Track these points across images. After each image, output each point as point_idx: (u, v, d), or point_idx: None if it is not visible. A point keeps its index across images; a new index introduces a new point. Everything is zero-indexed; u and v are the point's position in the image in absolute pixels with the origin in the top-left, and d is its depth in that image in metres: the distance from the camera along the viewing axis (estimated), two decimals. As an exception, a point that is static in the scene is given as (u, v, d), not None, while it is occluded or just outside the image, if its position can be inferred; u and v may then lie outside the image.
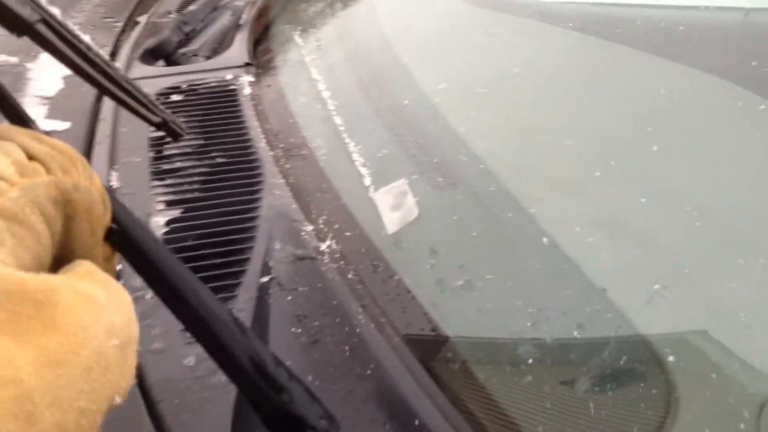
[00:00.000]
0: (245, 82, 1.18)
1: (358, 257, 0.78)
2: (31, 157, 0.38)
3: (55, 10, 0.49)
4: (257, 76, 1.21)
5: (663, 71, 0.76)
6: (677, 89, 0.74)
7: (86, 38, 0.55)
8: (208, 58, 1.35)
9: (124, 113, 1.10)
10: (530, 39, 0.95)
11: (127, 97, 0.53)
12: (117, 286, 0.37)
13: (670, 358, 0.59)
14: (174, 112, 1.07)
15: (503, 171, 0.76)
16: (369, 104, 0.98)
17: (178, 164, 0.97)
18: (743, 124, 0.68)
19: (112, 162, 0.98)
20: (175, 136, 0.60)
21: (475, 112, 0.87)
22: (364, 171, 0.87)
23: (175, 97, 1.13)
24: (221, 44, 1.46)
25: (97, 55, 0.54)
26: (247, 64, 1.25)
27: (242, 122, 1.06)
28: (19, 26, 0.45)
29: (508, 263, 0.69)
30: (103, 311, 0.34)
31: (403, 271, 0.73)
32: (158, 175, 0.94)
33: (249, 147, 0.99)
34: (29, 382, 0.28)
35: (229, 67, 1.24)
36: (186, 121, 1.07)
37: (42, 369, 0.29)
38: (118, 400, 0.33)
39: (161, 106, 0.56)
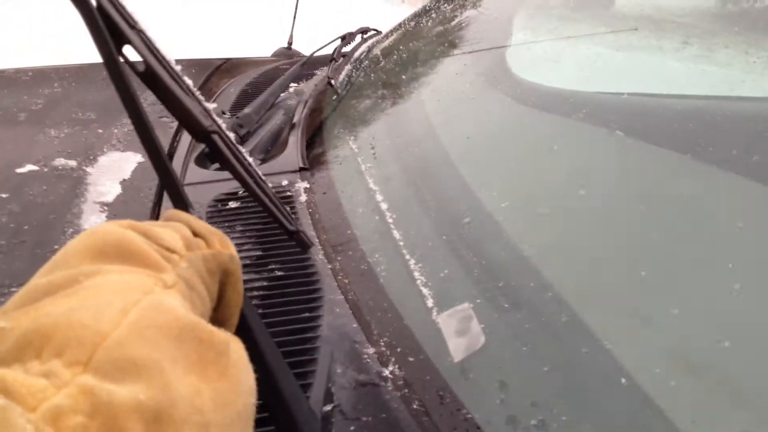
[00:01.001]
0: (301, 188, 1.19)
1: (422, 386, 0.76)
2: (195, 234, 0.48)
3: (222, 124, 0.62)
4: (312, 182, 1.22)
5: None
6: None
7: (244, 151, 0.67)
8: (263, 160, 1.37)
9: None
10: (593, 146, 0.94)
11: (271, 204, 0.63)
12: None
13: None
14: (232, 220, 1.10)
15: (574, 299, 0.74)
16: (429, 219, 0.97)
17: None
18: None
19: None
20: (305, 246, 0.67)
21: (541, 232, 0.85)
22: (425, 291, 0.86)
23: (232, 204, 1.14)
24: (275, 145, 1.48)
25: (251, 165, 0.67)
26: (302, 169, 1.26)
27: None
28: (199, 133, 0.57)
29: (584, 402, 0.66)
30: (250, 371, 0.41)
31: (472, 404, 0.71)
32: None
33: (307, 259, 0.99)
34: (209, 415, 0.35)
35: (284, 171, 1.25)
36: (243, 230, 1.08)
37: (217, 407, 0.36)
38: None
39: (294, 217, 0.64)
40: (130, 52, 0.53)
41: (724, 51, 1.17)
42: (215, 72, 2.08)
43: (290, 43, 2.66)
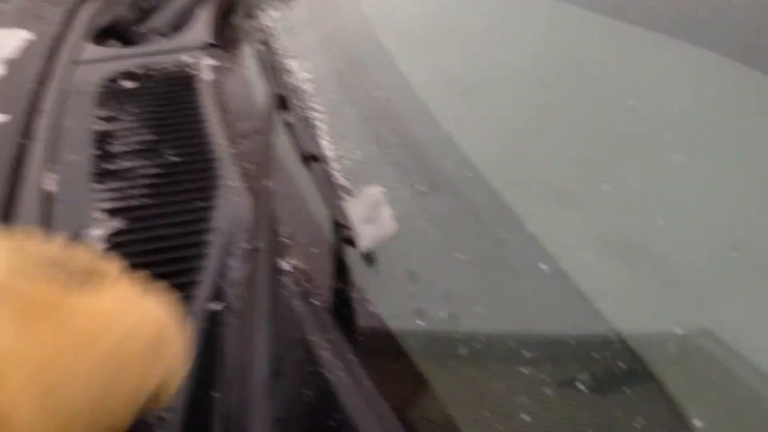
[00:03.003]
0: (206, 66, 1.05)
1: (326, 279, 0.67)
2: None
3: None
4: (221, 59, 1.08)
5: (690, 59, 0.65)
6: (708, 83, 0.62)
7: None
8: (168, 36, 1.22)
9: (70, 103, 0.99)
10: (528, 19, 0.83)
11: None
12: (152, 300, 0.43)
13: (674, 359, 0.53)
14: (124, 102, 0.97)
15: (495, 179, 0.65)
16: (347, 98, 0.86)
17: (125, 164, 0.85)
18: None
19: (52, 161, 0.85)
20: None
21: (466, 108, 0.75)
22: (337, 174, 0.76)
23: (127, 84, 1.01)
24: (184, 20, 1.33)
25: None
26: (210, 45, 1.12)
27: (200, 114, 0.93)
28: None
29: (502, 293, 0.58)
30: (123, 318, 0.39)
31: (378, 297, 0.62)
32: (100, 177, 0.82)
33: (206, 144, 0.87)
34: (45, 366, 0.34)
35: (189, 48, 1.11)
36: (139, 113, 0.95)
37: (57, 357, 0.34)
38: (147, 390, 0.39)
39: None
40: None
41: None
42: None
43: None
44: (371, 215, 0.69)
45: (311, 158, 0.73)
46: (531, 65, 0.75)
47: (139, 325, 0.40)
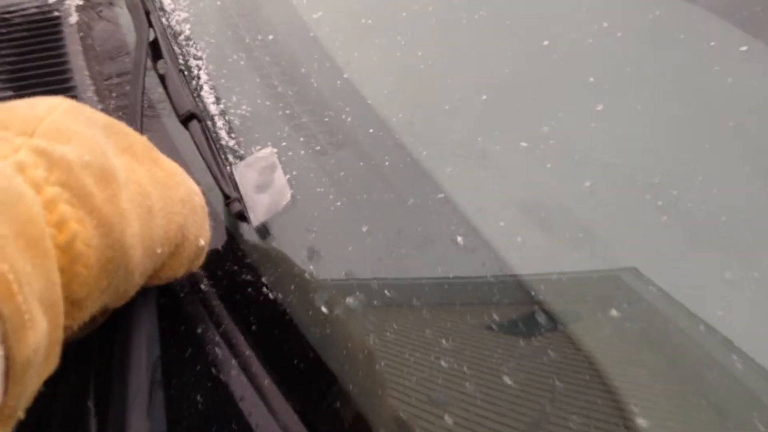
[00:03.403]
0: (72, 6, 0.92)
1: (214, 261, 0.59)
2: None
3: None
4: (88, -2, 0.95)
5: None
6: (632, 19, 0.55)
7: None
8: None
9: None
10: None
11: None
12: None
13: (601, 295, 0.49)
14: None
15: (403, 134, 0.57)
16: (231, 41, 0.75)
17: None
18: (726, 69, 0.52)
19: None
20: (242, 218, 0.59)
21: (368, 52, 0.66)
22: (222, 135, 0.66)
23: (-23, 30, 0.87)
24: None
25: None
26: (76, -19, 0.99)
27: (66, 64, 0.81)
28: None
29: (409, 266, 0.51)
30: (186, 179, 0.46)
31: (274, 280, 0.55)
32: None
33: (72, 98, 0.76)
34: (147, 187, 0.40)
35: (51, -15, 0.97)
36: (-5, 65, 0.82)
37: (155, 185, 0.41)
38: (201, 242, 0.46)
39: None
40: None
41: None
42: None
43: None
44: (263, 181, 0.61)
45: (190, 117, 0.64)
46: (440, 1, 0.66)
47: (195, 186, 0.47)
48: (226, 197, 0.59)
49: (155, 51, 0.71)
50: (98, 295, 0.37)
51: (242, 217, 0.58)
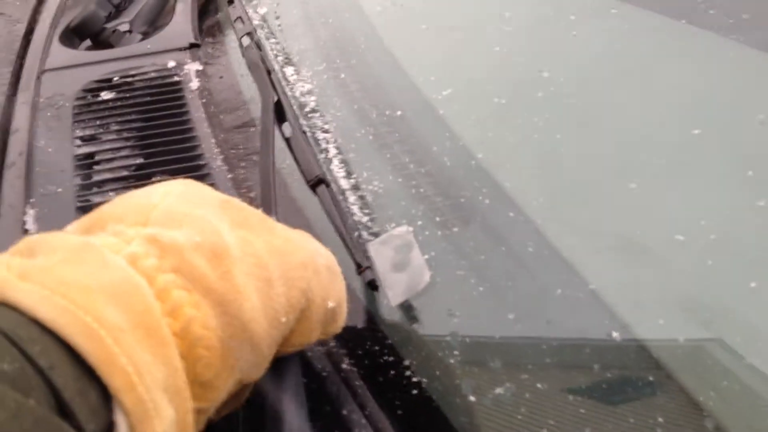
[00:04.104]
0: (191, 71, 0.96)
1: (353, 338, 0.60)
2: None
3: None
4: (205, 62, 0.99)
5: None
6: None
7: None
8: (145, 35, 1.12)
9: (44, 119, 0.89)
10: (561, 10, 0.74)
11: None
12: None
13: (684, 368, 0.48)
14: (104, 117, 0.87)
15: (544, 220, 0.58)
16: (351, 112, 0.77)
17: (112, 195, 0.76)
18: None
19: (28, 194, 0.76)
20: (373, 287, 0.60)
21: (495, 128, 0.67)
22: (352, 207, 0.68)
23: (106, 96, 0.91)
24: (160, 14, 1.22)
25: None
26: (193, 46, 1.02)
27: (191, 130, 0.84)
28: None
29: (572, 365, 0.51)
30: (308, 239, 0.47)
31: (419, 362, 0.55)
32: (87, 212, 0.73)
33: (201, 167, 0.79)
34: (264, 258, 0.40)
35: (170, 49, 1.01)
36: (119, 129, 0.86)
37: (272, 253, 0.41)
38: (331, 304, 0.45)
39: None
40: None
41: None
42: None
43: None
44: (400, 260, 0.62)
45: (318, 182, 0.65)
46: (567, 76, 0.67)
47: (319, 248, 0.47)
48: (358, 266, 0.60)
49: (279, 113, 0.73)
50: (228, 374, 0.37)
51: (374, 285, 0.59)
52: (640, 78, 0.65)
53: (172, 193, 0.41)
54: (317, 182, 0.66)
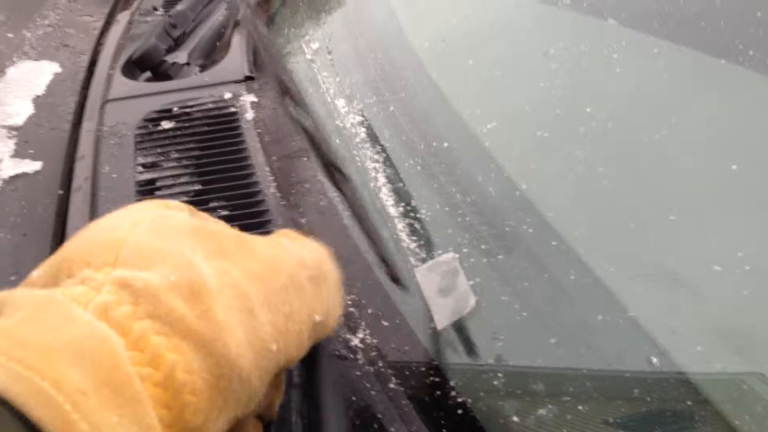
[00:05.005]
0: (247, 103, 1.00)
1: (400, 358, 0.62)
2: None
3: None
4: (260, 94, 1.03)
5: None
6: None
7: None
8: (203, 67, 1.18)
9: (107, 147, 0.94)
10: (604, 48, 0.77)
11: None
12: (307, 239, 0.48)
13: (724, 400, 0.50)
14: (165, 146, 0.92)
15: (587, 249, 0.60)
16: (400, 144, 0.81)
17: (172, 220, 0.80)
18: None
19: (93, 217, 0.81)
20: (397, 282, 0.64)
21: (539, 161, 0.70)
22: (400, 235, 0.71)
23: (166, 125, 0.96)
24: (216, 48, 1.28)
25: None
26: (248, 78, 1.07)
27: (246, 159, 0.88)
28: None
29: (610, 389, 0.53)
30: (292, 251, 0.44)
31: (463, 388, 0.58)
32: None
33: (256, 194, 0.83)
34: (244, 286, 0.38)
35: (226, 82, 1.07)
36: (179, 158, 0.91)
37: (251, 280, 0.39)
38: (317, 318, 0.43)
39: None
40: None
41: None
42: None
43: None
44: (446, 285, 0.64)
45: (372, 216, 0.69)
46: (615, 112, 0.69)
47: (305, 255, 0.45)
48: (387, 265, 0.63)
49: (336, 153, 0.77)
50: (217, 415, 0.36)
51: (396, 280, 0.62)
52: (679, 113, 0.67)
53: (140, 224, 0.39)
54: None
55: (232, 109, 0.99)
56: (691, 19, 0.74)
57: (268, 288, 0.39)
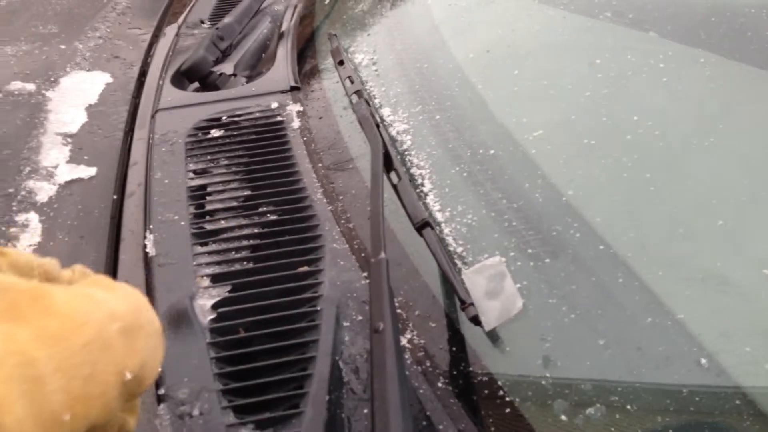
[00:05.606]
0: (293, 112, 1.03)
1: (447, 359, 0.64)
2: None
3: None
4: (306, 104, 1.06)
5: None
6: None
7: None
8: (249, 78, 1.21)
9: (159, 154, 0.97)
10: (651, 59, 0.78)
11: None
12: (123, 286, 0.43)
13: None
14: (214, 153, 0.95)
15: (631, 255, 0.61)
16: (446, 152, 0.82)
17: (223, 223, 0.83)
18: None
19: (147, 221, 0.84)
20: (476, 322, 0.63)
21: (583, 168, 0.71)
22: (447, 239, 0.72)
23: (215, 133, 0.99)
24: (261, 59, 1.31)
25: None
26: (293, 89, 1.10)
27: (294, 167, 0.91)
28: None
29: (653, 387, 0.54)
30: (102, 303, 0.39)
31: (510, 387, 0.59)
32: (201, 238, 0.80)
33: (304, 200, 0.85)
34: (32, 353, 0.33)
35: (272, 92, 1.09)
36: (228, 164, 0.93)
37: (43, 343, 0.34)
38: (128, 376, 0.38)
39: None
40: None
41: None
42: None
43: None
44: (493, 288, 0.66)
45: (424, 224, 0.70)
46: (661, 121, 0.70)
47: (117, 306, 0.40)
48: (462, 302, 0.64)
49: (386, 162, 0.78)
50: None
51: (477, 321, 0.63)
52: (725, 122, 0.68)
53: None
54: (423, 225, 0.70)
55: (279, 118, 1.02)
56: (737, 29, 0.75)
57: (65, 349, 0.35)
